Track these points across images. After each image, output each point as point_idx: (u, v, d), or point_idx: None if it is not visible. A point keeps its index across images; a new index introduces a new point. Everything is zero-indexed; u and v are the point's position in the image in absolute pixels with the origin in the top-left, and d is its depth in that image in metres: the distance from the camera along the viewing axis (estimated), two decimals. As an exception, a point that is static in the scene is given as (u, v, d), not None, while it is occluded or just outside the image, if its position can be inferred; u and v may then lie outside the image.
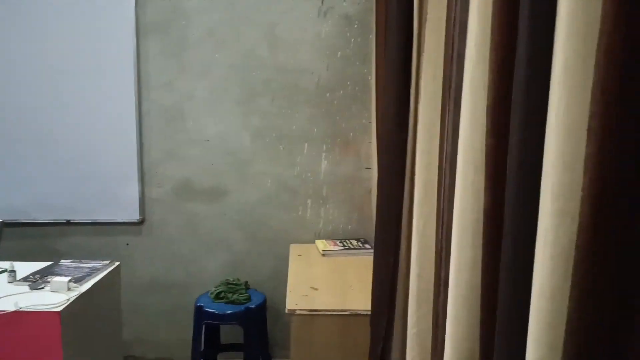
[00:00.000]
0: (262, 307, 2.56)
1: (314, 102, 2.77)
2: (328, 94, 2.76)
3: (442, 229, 1.25)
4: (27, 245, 2.83)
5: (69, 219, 2.79)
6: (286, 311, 1.95)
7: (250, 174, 2.84)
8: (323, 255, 2.55)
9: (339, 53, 2.74)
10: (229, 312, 2.43)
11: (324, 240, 2.72)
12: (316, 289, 2.12)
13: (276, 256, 2.84)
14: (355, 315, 1.93)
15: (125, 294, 2.46)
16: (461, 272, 1.04)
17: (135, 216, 2.80)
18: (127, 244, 2.86)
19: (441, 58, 1.32)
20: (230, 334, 2.79)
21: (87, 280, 1.85)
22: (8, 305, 1.63)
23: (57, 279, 1.77)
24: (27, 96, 2.71)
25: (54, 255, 2.84)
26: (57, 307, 1.63)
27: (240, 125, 2.82)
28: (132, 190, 2.78)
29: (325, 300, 2.02)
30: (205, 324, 2.46)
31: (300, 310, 1.93)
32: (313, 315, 1.94)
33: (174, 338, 2.90)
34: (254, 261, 2.88)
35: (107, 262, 2.05)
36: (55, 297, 1.70)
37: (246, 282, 2.75)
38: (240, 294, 2.52)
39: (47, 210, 2.78)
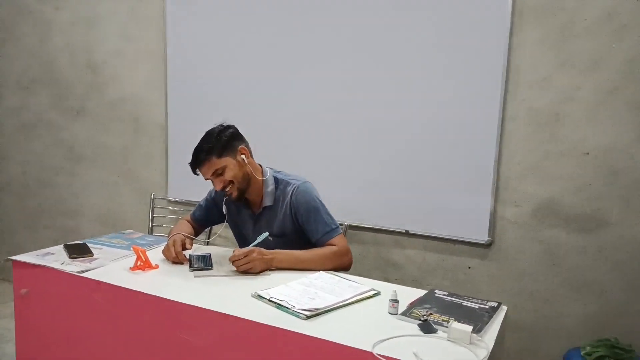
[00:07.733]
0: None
1: None
2: None
3: None
4: (360, 251, 2.69)
5: (408, 229, 2.53)
6: None
7: (644, 203, 2.13)
8: None
9: None
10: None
11: None
12: None
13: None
14: None
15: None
16: None
17: (483, 237, 2.38)
18: (469, 267, 2.46)
19: None
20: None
21: (486, 331, 1.46)
22: (400, 352, 1.30)
23: (457, 325, 1.41)
24: (367, 90, 2.52)
25: (386, 267, 2.64)
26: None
27: (636, 136, 2.12)
28: (483, 207, 2.36)
29: None
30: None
31: None
32: None
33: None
34: (636, 318, 2.17)
35: (494, 304, 1.63)
36: (454, 350, 1.34)
37: (630, 346, 2.07)
38: (639, 368, 1.87)
39: (386, 217, 2.57)
